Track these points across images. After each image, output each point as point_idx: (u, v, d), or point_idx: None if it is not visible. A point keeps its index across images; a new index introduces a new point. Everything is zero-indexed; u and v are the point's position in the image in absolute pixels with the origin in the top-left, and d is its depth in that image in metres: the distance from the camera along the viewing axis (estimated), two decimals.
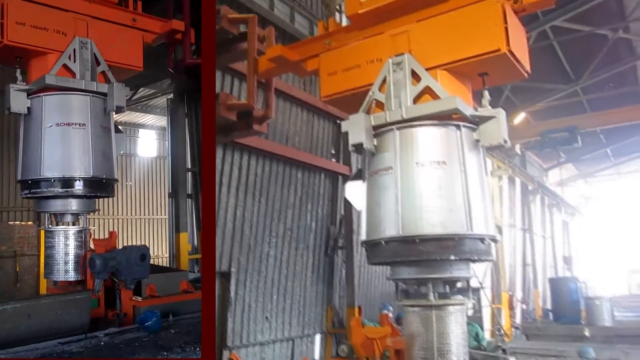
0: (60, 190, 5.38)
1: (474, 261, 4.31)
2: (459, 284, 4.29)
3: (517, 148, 19.30)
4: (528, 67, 4.55)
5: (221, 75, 9.05)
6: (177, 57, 7.15)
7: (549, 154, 24.22)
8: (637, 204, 33.46)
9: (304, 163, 11.52)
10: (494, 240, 4.32)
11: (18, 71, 5.57)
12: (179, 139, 11.19)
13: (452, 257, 4.07)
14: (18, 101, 5.36)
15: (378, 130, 4.43)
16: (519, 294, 21.79)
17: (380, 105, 4.52)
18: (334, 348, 11.69)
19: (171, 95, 12.62)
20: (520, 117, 19.16)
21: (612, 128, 19.15)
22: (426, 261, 4.15)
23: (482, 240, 4.18)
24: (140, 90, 17.77)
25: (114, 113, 5.71)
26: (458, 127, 4.29)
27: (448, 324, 4.18)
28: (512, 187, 22.26)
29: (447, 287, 4.30)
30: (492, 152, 17.02)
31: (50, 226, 5.70)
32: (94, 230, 6.06)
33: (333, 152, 12.84)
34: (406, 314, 4.37)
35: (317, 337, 12.26)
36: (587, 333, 14.56)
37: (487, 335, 15.30)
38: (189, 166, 11.30)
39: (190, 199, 11.13)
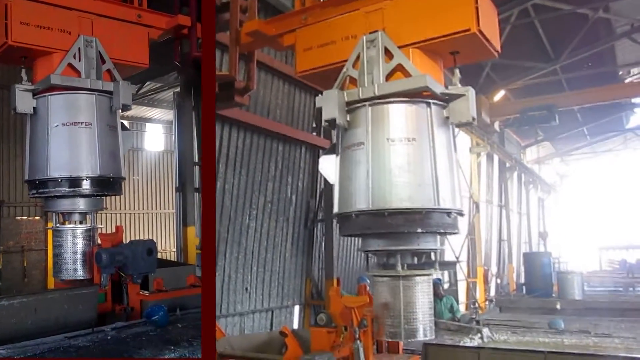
0: (67, 190, 5.41)
1: (440, 234, 4.50)
2: (432, 256, 4.47)
3: (496, 125, 19.50)
4: (498, 47, 4.67)
5: None
6: (183, 50, 7.09)
7: (527, 132, 24.51)
8: (611, 182, 34.09)
9: (284, 136, 11.61)
10: (460, 214, 4.48)
11: (23, 71, 5.54)
12: (186, 133, 11.16)
13: (419, 230, 4.23)
14: (24, 101, 5.36)
15: (351, 106, 4.53)
16: (494, 269, 22.29)
17: (353, 81, 4.61)
18: (313, 319, 11.94)
19: (178, 89, 12.55)
20: (500, 95, 19.35)
21: (589, 107, 19.45)
22: (395, 233, 4.31)
23: (448, 213, 4.34)
24: (146, 84, 17.65)
25: (120, 111, 5.72)
26: (428, 104, 4.41)
27: (415, 294, 4.36)
28: (490, 164, 22.59)
29: (415, 258, 4.48)
30: (472, 128, 17.21)
31: (58, 225, 5.72)
32: (101, 229, 6.06)
33: (314, 125, 12.91)
34: (375, 284, 4.55)
35: (296, 308, 12.50)
36: (558, 306, 14.88)
37: (462, 308, 15.69)
38: (196, 160, 11.32)
39: (197, 193, 11.17)
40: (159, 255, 7.07)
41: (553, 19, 15.38)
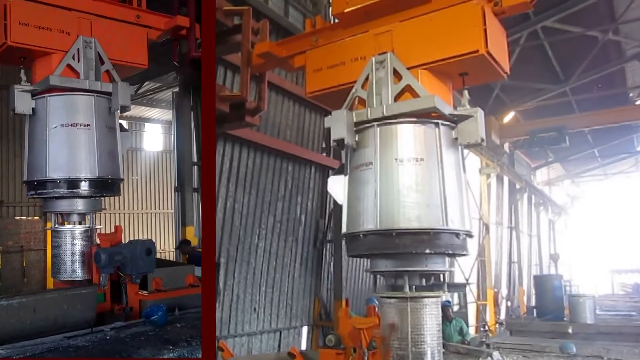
0: (66, 191, 5.38)
1: (449, 255, 4.46)
2: (440, 278, 4.43)
3: (506, 147, 19.49)
4: (507, 68, 4.69)
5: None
6: (182, 50, 7.16)
7: (537, 153, 24.47)
8: (623, 205, 33.80)
9: (294, 156, 11.67)
10: (469, 235, 4.44)
11: (22, 71, 5.54)
12: (185, 133, 11.25)
13: (428, 251, 4.20)
14: (22, 102, 5.33)
15: (359, 127, 4.55)
16: (504, 291, 22.06)
17: (362, 102, 4.64)
18: (321, 340, 11.86)
19: (177, 89, 12.67)
20: (509, 116, 19.37)
21: (600, 129, 19.38)
22: (403, 254, 4.27)
23: (457, 235, 4.31)
24: (145, 84, 17.74)
25: (119, 112, 5.69)
26: (437, 125, 4.41)
27: (423, 316, 4.31)
28: (500, 185, 22.49)
29: (423, 279, 4.45)
30: (481, 150, 17.20)
31: (56, 226, 5.67)
32: (100, 229, 6.00)
33: (324, 145, 12.97)
34: (383, 305, 4.51)
35: (305, 329, 12.42)
36: (569, 330, 14.73)
37: (471, 331, 15.52)
38: (195, 160, 11.37)
39: (196, 193, 11.20)
40: (158, 255, 7.02)
41: (563, 41, 15.46)
